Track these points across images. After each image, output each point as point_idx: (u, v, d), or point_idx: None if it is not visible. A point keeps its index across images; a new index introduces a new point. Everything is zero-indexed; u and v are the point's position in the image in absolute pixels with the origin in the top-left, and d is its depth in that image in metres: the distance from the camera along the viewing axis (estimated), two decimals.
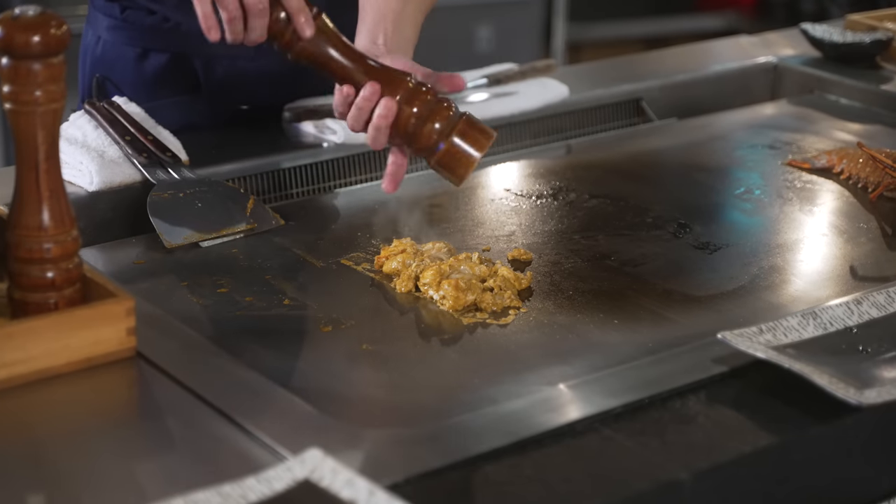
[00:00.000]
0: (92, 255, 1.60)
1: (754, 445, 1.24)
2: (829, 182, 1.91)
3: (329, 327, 1.47)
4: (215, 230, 1.66)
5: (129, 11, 1.93)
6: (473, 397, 1.33)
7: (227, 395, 1.28)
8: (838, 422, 1.28)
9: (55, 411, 1.27)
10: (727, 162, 2.01)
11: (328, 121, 1.93)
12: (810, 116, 2.19)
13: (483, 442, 1.22)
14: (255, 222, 1.68)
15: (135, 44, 1.93)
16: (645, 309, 1.52)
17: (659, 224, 1.75)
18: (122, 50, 1.95)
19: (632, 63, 2.47)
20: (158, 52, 1.94)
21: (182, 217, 1.66)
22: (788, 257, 1.67)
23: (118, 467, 1.18)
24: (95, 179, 1.72)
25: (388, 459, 1.19)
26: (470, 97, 2.06)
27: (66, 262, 1.34)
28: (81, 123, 1.80)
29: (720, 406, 1.30)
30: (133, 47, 1.94)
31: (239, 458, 1.19)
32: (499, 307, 1.51)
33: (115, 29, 1.96)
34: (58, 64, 1.30)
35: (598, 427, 1.25)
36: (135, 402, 1.33)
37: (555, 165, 1.96)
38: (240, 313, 1.50)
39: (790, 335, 1.39)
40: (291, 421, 1.25)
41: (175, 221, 1.65)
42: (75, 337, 1.31)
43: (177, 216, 1.66)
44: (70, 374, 1.31)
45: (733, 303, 1.54)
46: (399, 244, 1.60)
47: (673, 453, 1.22)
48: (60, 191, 1.34)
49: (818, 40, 2.37)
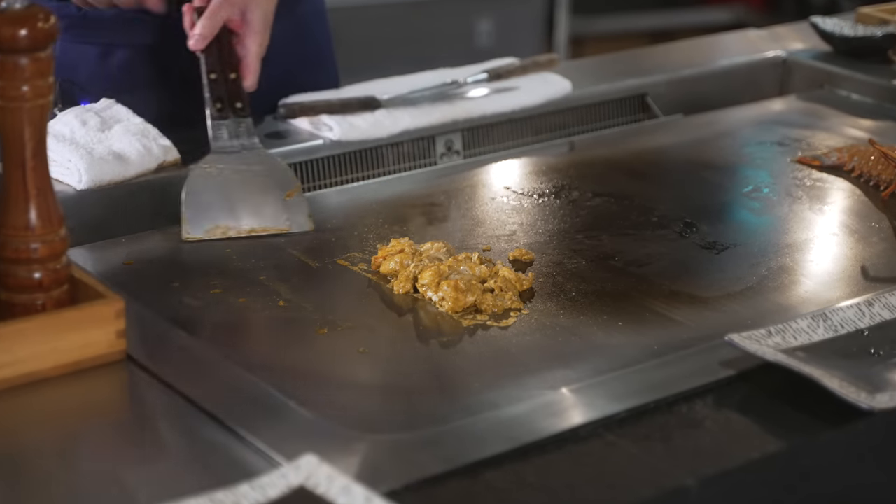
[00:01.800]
0: (80, 256, 1.60)
1: (763, 451, 1.24)
2: (840, 180, 1.91)
3: (325, 329, 1.47)
4: (245, 227, 1.66)
5: (87, 8, 1.90)
6: (473, 401, 1.33)
7: (219, 399, 1.28)
8: (849, 427, 1.28)
9: (42, 416, 1.27)
10: (735, 159, 2.01)
11: (324, 117, 1.93)
12: (820, 112, 2.19)
13: (484, 448, 1.22)
14: (290, 223, 1.67)
15: (96, 41, 1.91)
16: (650, 310, 1.52)
17: (664, 223, 1.75)
18: (83, 49, 1.93)
19: (636, 58, 2.47)
20: (122, 47, 1.92)
21: (213, 203, 1.66)
22: (798, 257, 1.67)
23: (107, 474, 1.18)
24: (84, 177, 1.72)
25: (386, 466, 1.19)
26: (470, 93, 2.06)
27: (53, 262, 1.34)
28: (69, 119, 1.80)
29: (728, 410, 1.30)
30: (94, 45, 1.92)
31: (232, 464, 1.19)
32: (499, 309, 1.51)
33: (73, 28, 1.92)
34: (45, 58, 1.30)
35: (602, 432, 1.25)
36: (124, 407, 1.33)
37: (557, 163, 1.95)
38: (233, 315, 1.49)
39: (800, 337, 1.39)
40: (286, 426, 1.25)
41: (204, 207, 1.65)
42: (63, 339, 1.31)
43: (208, 201, 1.66)
44: (58, 378, 1.31)
45: (741, 304, 1.54)
46: (397, 244, 1.60)
47: (679, 459, 1.22)
48: (48, 189, 1.34)
49: (828, 34, 2.37)
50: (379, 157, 1.93)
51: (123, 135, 1.79)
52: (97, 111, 1.83)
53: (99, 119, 1.81)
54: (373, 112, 1.97)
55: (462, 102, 2.04)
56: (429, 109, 2.00)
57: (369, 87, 2.03)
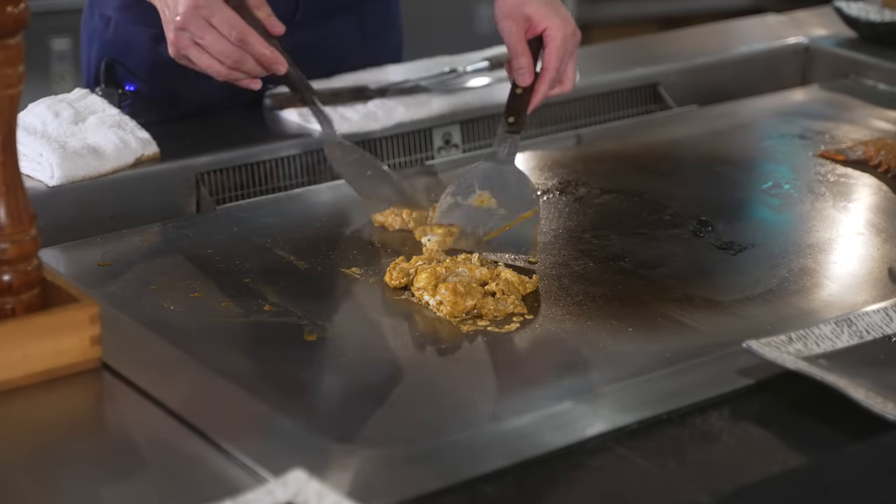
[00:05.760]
0: (53, 256, 1.60)
1: (783, 466, 1.24)
2: (866, 175, 1.91)
3: (314, 336, 1.47)
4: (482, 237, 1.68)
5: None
6: (473, 413, 1.33)
7: (201, 410, 1.29)
8: (876, 440, 1.28)
9: (11, 428, 1.27)
10: (753, 153, 2.01)
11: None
12: (845, 103, 2.20)
13: (484, 462, 1.22)
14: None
15: (151, 24, 1.92)
16: (662, 315, 1.52)
17: (678, 222, 1.75)
18: (136, 31, 1.95)
19: (648, 45, 2.47)
20: None
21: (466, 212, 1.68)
22: (821, 258, 1.68)
23: (81, 490, 1.18)
24: (56, 173, 1.72)
25: (380, 481, 1.19)
26: (470, 82, 2.06)
27: (23, 263, 1.34)
28: (40, 111, 1.80)
29: (745, 422, 1.30)
30: (149, 27, 1.93)
31: (214, 479, 1.19)
32: (501, 314, 1.51)
33: (128, 8, 1.95)
34: (15, 45, 1.30)
35: (611, 446, 1.25)
36: (99, 419, 1.33)
37: (563, 157, 1.96)
38: (215, 320, 1.50)
39: (823, 344, 1.39)
40: (272, 439, 1.25)
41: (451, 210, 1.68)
42: (34, 346, 1.31)
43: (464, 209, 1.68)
44: (28, 388, 1.31)
45: (760, 308, 1.55)
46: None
47: (693, 474, 1.22)
48: (18, 185, 1.34)
49: (854, 19, 2.37)
50: (372, 152, 1.93)
51: (99, 127, 1.79)
52: (70, 102, 1.83)
53: (72, 110, 1.81)
54: (365, 103, 1.97)
55: (461, 92, 2.04)
56: (425, 100, 2.00)
57: (362, 76, 2.03)
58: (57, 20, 3.44)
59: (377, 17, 2.10)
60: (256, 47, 1.66)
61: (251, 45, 1.65)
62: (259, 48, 1.66)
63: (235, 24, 1.64)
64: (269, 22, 1.69)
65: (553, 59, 1.75)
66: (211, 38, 1.64)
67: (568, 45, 1.76)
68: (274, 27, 1.69)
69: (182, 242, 1.67)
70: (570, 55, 1.78)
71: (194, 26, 1.64)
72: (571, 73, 1.79)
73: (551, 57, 1.75)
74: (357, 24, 2.06)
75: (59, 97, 1.85)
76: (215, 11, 1.63)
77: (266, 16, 1.69)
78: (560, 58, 1.75)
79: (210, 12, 1.63)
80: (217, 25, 1.63)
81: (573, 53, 1.78)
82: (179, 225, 1.72)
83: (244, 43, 1.64)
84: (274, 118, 1.96)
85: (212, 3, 1.62)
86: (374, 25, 2.10)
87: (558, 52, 1.75)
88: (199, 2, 1.62)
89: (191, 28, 1.64)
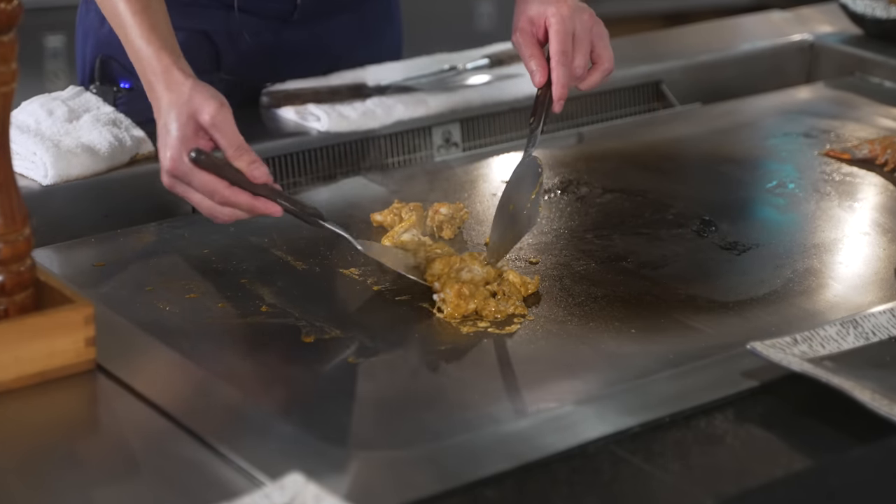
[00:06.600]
0: (46, 257, 1.60)
1: (788, 469, 1.24)
2: (872, 174, 1.91)
3: (312, 337, 1.47)
4: None
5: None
6: (473, 416, 1.33)
7: (197, 413, 1.28)
8: (882, 442, 1.28)
9: (4, 431, 1.27)
10: (757, 152, 2.01)
11: (311, 106, 1.93)
12: (850, 101, 2.20)
13: (484, 465, 1.22)
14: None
15: None
16: (665, 316, 1.52)
17: (681, 222, 1.75)
18: None
19: (650, 42, 2.47)
20: (175, 31, 1.93)
21: None
22: (826, 259, 1.67)
23: (75, 495, 1.18)
24: (50, 172, 1.72)
25: (379, 485, 1.19)
26: (469, 80, 2.06)
27: (17, 264, 1.34)
28: (34, 109, 1.80)
29: (749, 425, 1.30)
30: None
31: (211, 483, 1.19)
32: (502, 315, 1.51)
33: None
34: (8, 42, 1.30)
35: (613, 449, 1.25)
36: (94, 421, 1.33)
37: (564, 156, 1.96)
38: (211, 321, 1.50)
39: (828, 346, 1.39)
40: (269, 442, 1.25)
41: None
42: (27, 348, 1.31)
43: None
44: (22, 390, 1.31)
45: (764, 310, 1.54)
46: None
47: (697, 478, 1.22)
48: (11, 184, 1.34)
49: (859, 16, 2.37)
50: (370, 150, 1.93)
51: (93, 125, 1.79)
52: (64, 100, 1.83)
53: (66, 108, 1.81)
54: (364, 101, 1.97)
55: (461, 90, 2.04)
56: (425, 98, 2.00)
57: (360, 74, 2.03)
58: (51, 17, 3.44)
59: (376, 15, 2.10)
60: (243, 204, 1.58)
61: (237, 203, 1.58)
62: (246, 203, 1.57)
63: (215, 189, 1.57)
64: (250, 171, 1.58)
65: (555, 43, 1.71)
66: (197, 199, 1.57)
67: (570, 24, 1.71)
68: (256, 177, 1.59)
69: (178, 242, 1.67)
70: (585, 32, 1.72)
71: (179, 188, 1.58)
72: (602, 50, 1.73)
73: (553, 41, 1.71)
74: (356, 21, 2.06)
75: (52, 95, 1.85)
76: (192, 178, 1.57)
77: (247, 164, 1.58)
78: (562, 40, 1.70)
79: (188, 179, 1.57)
80: (198, 189, 1.58)
81: (588, 30, 1.73)
82: (175, 225, 1.72)
83: (228, 202, 1.58)
84: (271, 116, 1.96)
85: (186, 171, 1.56)
86: (373, 23, 2.10)
87: (558, 35, 1.70)
88: (175, 171, 1.56)
89: (177, 189, 1.58)
